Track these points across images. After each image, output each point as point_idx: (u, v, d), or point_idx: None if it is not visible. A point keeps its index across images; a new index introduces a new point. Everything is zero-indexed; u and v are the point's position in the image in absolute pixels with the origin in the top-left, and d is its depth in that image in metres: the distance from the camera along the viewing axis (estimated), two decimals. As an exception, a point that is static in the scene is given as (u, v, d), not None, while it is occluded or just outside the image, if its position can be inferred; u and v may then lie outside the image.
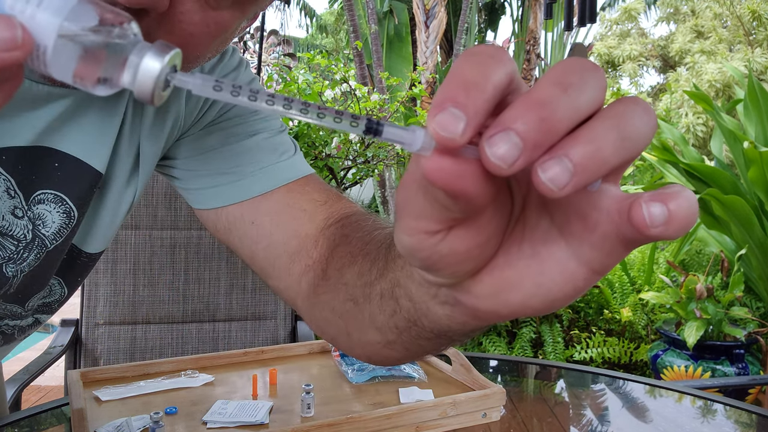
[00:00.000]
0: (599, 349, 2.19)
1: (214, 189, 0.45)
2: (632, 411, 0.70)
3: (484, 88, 0.17)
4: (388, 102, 3.24)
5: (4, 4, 0.18)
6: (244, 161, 0.45)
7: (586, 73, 0.18)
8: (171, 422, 0.56)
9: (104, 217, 0.45)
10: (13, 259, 0.41)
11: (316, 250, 0.42)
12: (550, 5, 2.59)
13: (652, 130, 0.18)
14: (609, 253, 0.19)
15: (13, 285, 0.42)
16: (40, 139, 0.39)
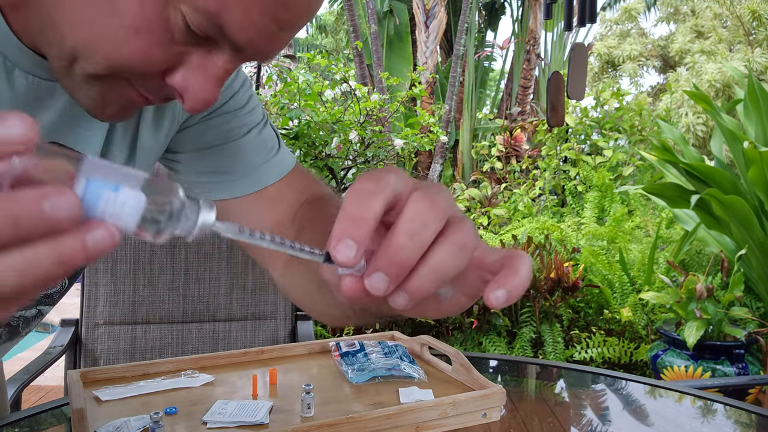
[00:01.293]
0: (599, 349, 2.19)
1: (213, 184, 0.50)
2: (632, 411, 0.70)
3: (368, 221, 0.26)
4: (388, 102, 3.24)
5: (96, 209, 0.22)
6: (239, 161, 0.50)
7: (427, 216, 0.27)
8: (171, 422, 0.56)
9: None
10: None
11: (291, 231, 0.50)
12: (550, 5, 2.59)
13: (467, 253, 0.28)
14: (477, 294, 0.31)
15: None
16: (47, 135, 0.40)
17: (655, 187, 2.47)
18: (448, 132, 5.30)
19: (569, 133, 4.19)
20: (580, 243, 2.81)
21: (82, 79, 0.35)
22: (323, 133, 2.70)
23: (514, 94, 6.41)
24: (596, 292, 2.39)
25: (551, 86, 2.01)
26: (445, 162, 5.88)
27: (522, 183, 4.45)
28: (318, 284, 0.43)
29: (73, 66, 0.34)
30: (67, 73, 0.35)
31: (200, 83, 0.35)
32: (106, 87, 0.35)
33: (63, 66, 0.35)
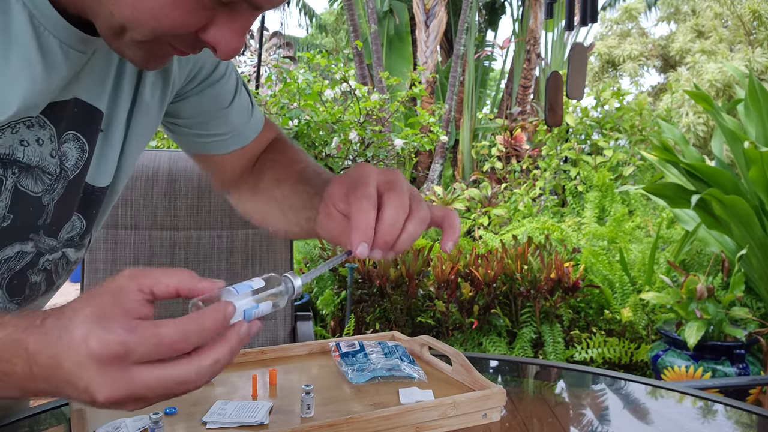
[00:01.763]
0: (600, 350, 2.19)
1: (208, 144, 0.64)
2: (633, 411, 0.70)
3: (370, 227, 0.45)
4: (388, 102, 3.24)
5: (252, 312, 0.40)
6: (228, 125, 0.64)
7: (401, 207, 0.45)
8: (170, 423, 0.56)
9: (109, 154, 0.56)
10: (48, 191, 0.51)
11: (253, 174, 0.67)
12: (550, 5, 2.59)
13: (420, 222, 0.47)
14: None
15: (49, 214, 0.52)
16: (71, 93, 0.49)
17: (655, 187, 2.46)
18: (448, 132, 5.30)
19: (569, 133, 4.19)
20: (580, 243, 2.81)
21: (130, 44, 0.43)
22: (323, 132, 2.70)
23: (514, 93, 6.40)
24: (597, 292, 2.39)
25: (550, 86, 2.01)
26: (445, 162, 5.88)
27: (522, 183, 4.45)
28: (280, 210, 0.61)
29: (123, 35, 0.42)
30: (117, 39, 0.43)
31: (228, 37, 0.43)
32: (151, 47, 0.44)
33: (113, 35, 0.43)
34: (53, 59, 0.45)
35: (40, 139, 0.48)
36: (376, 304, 2.37)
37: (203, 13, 0.41)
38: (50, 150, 0.49)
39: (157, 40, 0.42)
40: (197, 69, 0.60)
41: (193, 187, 1.17)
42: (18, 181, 0.48)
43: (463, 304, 2.23)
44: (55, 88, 0.47)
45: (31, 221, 0.51)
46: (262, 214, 0.65)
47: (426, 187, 5.23)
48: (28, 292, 0.55)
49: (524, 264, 2.25)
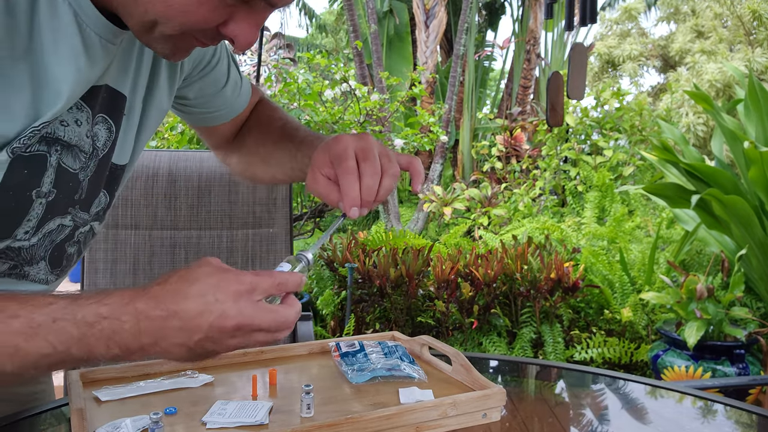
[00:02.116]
0: (599, 350, 2.19)
1: (210, 117, 0.74)
2: (632, 411, 0.70)
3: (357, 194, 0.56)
4: (388, 102, 3.24)
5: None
6: (225, 101, 0.73)
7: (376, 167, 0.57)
8: (170, 423, 0.56)
9: (128, 135, 0.61)
10: (83, 168, 0.57)
11: (238, 135, 0.78)
12: (550, 5, 2.59)
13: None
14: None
15: (84, 190, 0.58)
16: (103, 80, 0.56)
17: (655, 187, 2.46)
18: (448, 132, 5.30)
19: (569, 133, 4.19)
20: (580, 243, 2.81)
21: (159, 37, 0.49)
22: (323, 132, 2.70)
23: (514, 94, 6.40)
24: (596, 292, 2.39)
25: (550, 86, 2.01)
26: (445, 162, 5.88)
27: (522, 183, 4.45)
28: (264, 162, 0.73)
29: (153, 30, 0.48)
30: (147, 33, 0.49)
31: (246, 31, 0.49)
32: (178, 41, 0.50)
33: (144, 30, 0.49)
34: (95, 52, 0.51)
35: (78, 120, 0.54)
36: (376, 304, 2.37)
37: (225, 10, 0.48)
38: (86, 131, 0.56)
39: (183, 34, 0.49)
40: (200, 57, 0.68)
41: (193, 187, 1.17)
42: (60, 158, 0.54)
43: (463, 304, 2.23)
44: (94, 77, 0.53)
45: (71, 196, 0.57)
46: (248, 167, 0.76)
47: (426, 187, 5.23)
48: (64, 263, 0.62)
49: (524, 264, 2.25)
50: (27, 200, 0.52)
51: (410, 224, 4.78)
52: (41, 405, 0.67)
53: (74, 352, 0.44)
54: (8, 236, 0.54)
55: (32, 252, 0.57)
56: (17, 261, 0.57)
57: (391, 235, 2.76)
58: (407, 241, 2.72)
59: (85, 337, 0.44)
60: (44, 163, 0.52)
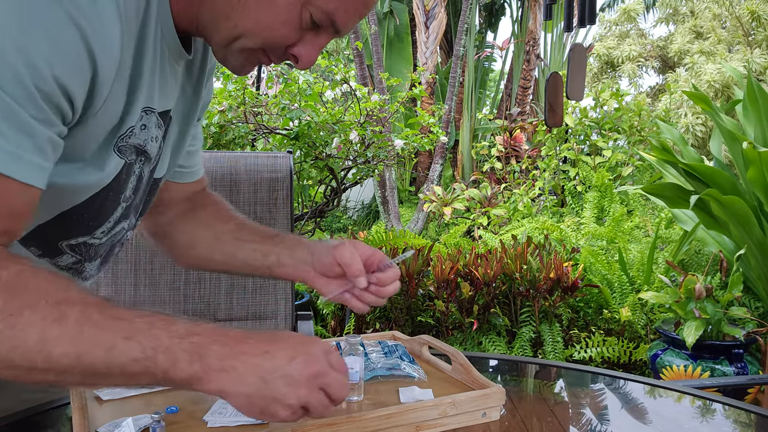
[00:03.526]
0: (598, 349, 2.19)
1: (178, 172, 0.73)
2: (631, 411, 0.70)
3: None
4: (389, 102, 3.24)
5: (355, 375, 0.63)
6: (193, 161, 0.74)
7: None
8: (172, 421, 0.56)
9: (167, 150, 0.65)
10: (147, 179, 0.62)
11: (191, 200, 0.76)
12: (549, 6, 2.59)
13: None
14: None
15: (140, 193, 0.62)
16: (171, 104, 0.61)
17: (654, 188, 2.47)
18: (448, 132, 5.30)
19: (569, 134, 4.19)
20: (579, 243, 2.81)
21: (237, 51, 0.54)
22: (324, 133, 2.70)
23: (513, 94, 6.41)
24: (595, 291, 2.39)
25: (549, 87, 2.01)
26: (445, 162, 5.88)
27: (522, 183, 4.46)
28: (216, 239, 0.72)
29: (234, 43, 0.53)
30: (226, 47, 0.54)
31: (310, 52, 0.55)
32: (250, 55, 0.55)
33: (225, 43, 0.54)
34: (168, 73, 0.57)
35: (156, 137, 0.60)
36: (375, 304, 2.37)
37: (299, 32, 0.53)
38: (158, 147, 0.61)
39: (259, 49, 0.54)
40: (206, 102, 0.71)
41: (194, 187, 1.17)
42: (142, 168, 0.60)
43: (463, 304, 2.23)
44: (161, 90, 0.58)
45: (137, 203, 0.63)
46: (191, 238, 0.73)
47: (426, 188, 5.23)
48: (110, 261, 0.67)
49: (523, 264, 2.26)
50: (116, 202, 0.59)
51: (410, 224, 4.78)
52: (42, 405, 0.67)
53: (160, 360, 0.46)
54: (90, 233, 0.59)
55: (97, 250, 0.62)
56: (84, 256, 0.61)
57: (391, 235, 2.76)
58: (407, 241, 2.72)
59: (173, 346, 0.46)
60: (132, 169, 0.58)
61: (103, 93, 0.49)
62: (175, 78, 0.60)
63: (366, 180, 3.10)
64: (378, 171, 3.06)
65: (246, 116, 2.78)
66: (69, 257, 0.60)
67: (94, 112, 0.49)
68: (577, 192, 3.85)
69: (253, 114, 2.84)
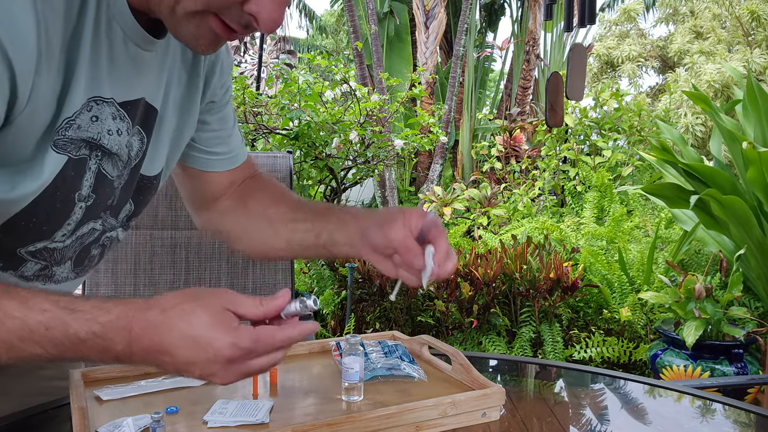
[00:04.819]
0: (598, 349, 2.19)
1: (209, 161, 0.70)
2: (631, 411, 0.70)
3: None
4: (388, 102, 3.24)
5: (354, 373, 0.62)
6: (229, 147, 0.71)
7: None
8: (172, 422, 0.56)
9: (159, 148, 0.62)
10: (119, 176, 0.59)
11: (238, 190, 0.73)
12: (549, 6, 2.60)
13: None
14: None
15: (116, 197, 0.60)
16: (142, 93, 0.57)
17: (654, 188, 2.47)
18: (448, 132, 5.30)
19: (568, 134, 4.19)
20: (579, 243, 2.81)
21: (182, 17, 0.48)
22: (323, 133, 2.70)
23: (513, 94, 6.41)
24: (595, 291, 2.39)
25: (550, 87, 2.01)
26: (445, 162, 5.88)
27: (521, 183, 4.46)
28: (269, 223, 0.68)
29: (176, 7, 0.48)
30: (172, 13, 0.49)
31: (269, 8, 0.47)
32: (200, 21, 0.49)
33: (168, 11, 0.49)
34: (123, 60, 0.53)
35: (119, 130, 0.56)
36: (376, 303, 2.37)
37: None
38: (126, 141, 0.57)
39: (205, 12, 0.48)
40: (221, 84, 0.68)
41: (194, 187, 1.17)
42: (100, 164, 0.56)
43: (463, 304, 2.23)
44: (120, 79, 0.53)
45: (105, 202, 0.59)
46: (245, 230, 0.71)
47: (426, 188, 5.23)
48: (86, 264, 0.64)
49: (523, 264, 2.26)
50: (70, 202, 0.55)
51: (410, 224, 4.76)
52: (42, 405, 0.67)
53: (68, 356, 0.46)
54: (48, 237, 0.57)
55: (63, 253, 0.60)
56: (49, 261, 0.59)
57: (390, 236, 2.75)
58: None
59: (76, 348, 0.46)
60: (84, 166, 0.54)
61: (25, 90, 0.45)
62: (140, 65, 0.54)
63: (366, 180, 3.10)
64: (378, 171, 3.06)
65: (246, 116, 2.77)
66: (33, 264, 0.58)
67: (19, 111, 0.46)
68: (577, 192, 3.85)
69: (253, 114, 2.84)
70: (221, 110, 0.69)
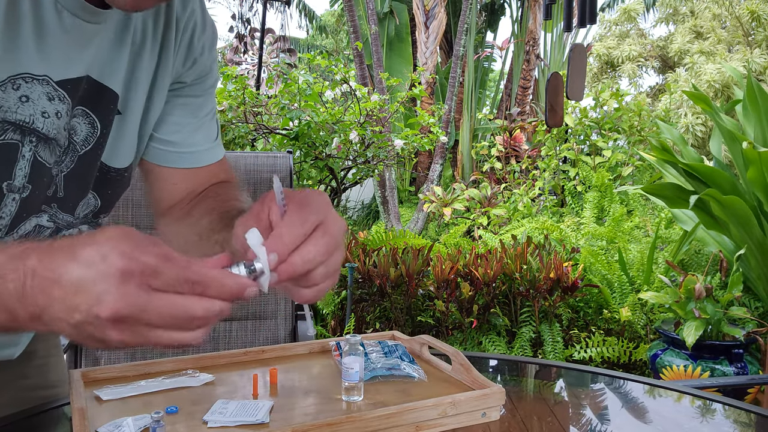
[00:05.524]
0: (598, 349, 2.19)
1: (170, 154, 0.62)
2: (631, 410, 0.70)
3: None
4: (388, 102, 3.24)
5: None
6: (190, 141, 0.62)
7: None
8: (172, 422, 0.56)
9: (127, 137, 0.57)
10: (58, 162, 0.52)
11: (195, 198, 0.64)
12: (549, 6, 2.60)
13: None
14: None
15: (59, 186, 0.53)
16: (85, 70, 0.50)
17: (654, 188, 2.47)
18: (448, 132, 5.30)
19: (569, 134, 4.19)
20: (579, 243, 2.81)
21: None
22: (323, 133, 2.70)
23: (513, 94, 6.41)
24: (595, 291, 2.39)
25: (550, 87, 2.01)
26: (445, 162, 5.88)
27: (521, 183, 4.46)
28: (199, 237, 0.59)
29: None
30: None
31: None
32: None
33: None
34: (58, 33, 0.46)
35: (59, 113, 0.49)
36: (376, 303, 2.37)
37: None
38: (65, 123, 0.51)
39: None
40: (207, 72, 0.61)
41: (194, 187, 1.18)
42: (36, 150, 0.49)
43: (463, 304, 2.23)
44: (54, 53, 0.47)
45: (43, 192, 0.52)
46: (183, 241, 0.61)
47: (426, 188, 5.23)
48: None
49: (523, 264, 2.26)
50: None
51: (410, 224, 4.78)
52: (42, 405, 0.67)
53: None
54: None
55: None
56: None
57: (391, 235, 2.76)
58: (407, 241, 2.72)
59: None
60: (16, 153, 0.48)
61: None
62: (81, 38, 0.48)
63: (366, 180, 3.10)
64: (378, 171, 3.06)
65: (246, 116, 2.77)
66: None
67: None
68: (577, 192, 3.85)
69: (253, 114, 2.84)
70: (189, 96, 0.61)
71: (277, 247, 0.41)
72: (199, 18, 0.59)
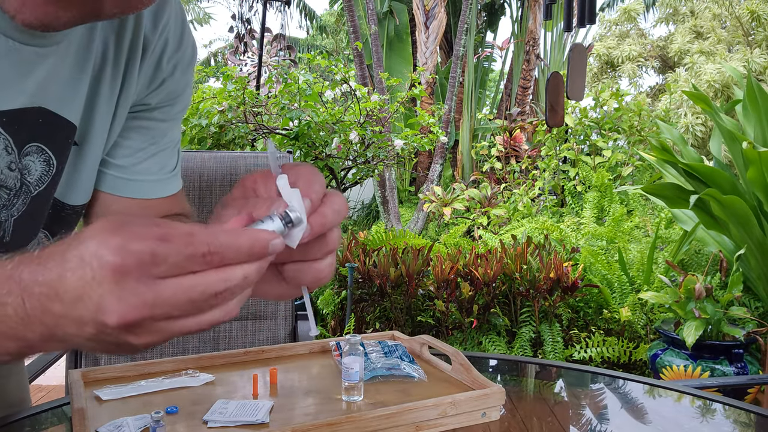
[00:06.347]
0: (598, 349, 2.19)
1: (111, 179, 0.54)
2: (631, 410, 0.70)
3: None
4: (388, 102, 3.24)
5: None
6: (143, 167, 0.55)
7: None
8: (171, 422, 0.56)
9: (84, 171, 0.51)
10: (6, 206, 0.46)
11: None
12: (549, 6, 2.60)
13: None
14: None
15: (7, 231, 0.48)
16: (31, 100, 0.44)
17: (654, 187, 2.47)
18: (448, 132, 5.31)
19: (568, 134, 4.19)
20: (579, 243, 2.81)
21: None
22: (323, 133, 2.70)
23: (513, 94, 6.41)
24: (595, 291, 2.39)
25: (550, 87, 2.01)
26: (445, 162, 5.88)
27: (521, 183, 4.46)
28: None
29: None
30: None
31: None
32: None
33: None
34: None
35: None
36: (376, 303, 2.37)
37: None
38: (8, 162, 0.44)
39: None
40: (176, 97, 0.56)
41: (194, 187, 1.17)
42: None
43: (463, 304, 2.23)
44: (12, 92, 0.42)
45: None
46: None
47: (426, 188, 5.23)
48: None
49: (523, 264, 2.26)
50: None
51: (410, 224, 4.78)
52: (42, 405, 0.67)
53: None
54: None
55: None
56: None
57: (391, 235, 2.76)
58: (407, 241, 2.72)
59: None
60: None
61: None
62: (23, 64, 0.42)
63: (366, 180, 3.10)
64: (378, 171, 3.06)
65: (246, 116, 2.77)
66: None
67: None
68: (577, 192, 3.85)
69: (253, 114, 2.84)
70: (152, 120, 0.55)
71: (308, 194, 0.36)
72: (171, 35, 0.53)
